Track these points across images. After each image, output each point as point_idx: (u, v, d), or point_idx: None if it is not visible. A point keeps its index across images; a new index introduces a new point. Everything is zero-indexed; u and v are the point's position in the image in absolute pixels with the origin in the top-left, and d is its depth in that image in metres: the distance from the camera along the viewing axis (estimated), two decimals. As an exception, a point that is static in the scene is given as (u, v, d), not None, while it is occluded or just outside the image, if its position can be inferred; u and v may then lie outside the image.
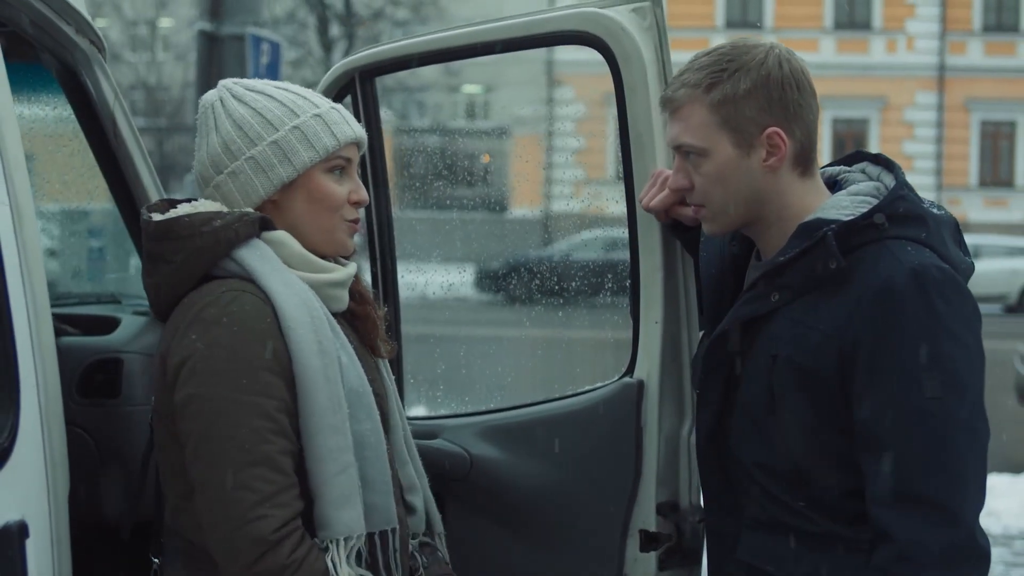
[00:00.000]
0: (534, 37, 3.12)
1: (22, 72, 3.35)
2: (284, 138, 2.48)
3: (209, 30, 9.63)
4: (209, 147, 2.52)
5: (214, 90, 2.58)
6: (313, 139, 2.49)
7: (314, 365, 2.36)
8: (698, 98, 2.48)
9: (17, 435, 2.23)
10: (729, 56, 2.48)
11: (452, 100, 39.89)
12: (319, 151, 2.49)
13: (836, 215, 2.44)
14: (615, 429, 2.99)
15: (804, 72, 2.49)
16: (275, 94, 2.53)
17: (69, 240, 7.28)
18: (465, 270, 18.39)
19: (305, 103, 2.53)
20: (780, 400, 2.43)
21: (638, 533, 2.96)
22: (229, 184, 2.50)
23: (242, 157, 2.48)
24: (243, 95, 2.53)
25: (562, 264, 12.56)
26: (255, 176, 2.48)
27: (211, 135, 2.52)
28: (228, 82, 2.58)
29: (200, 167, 2.54)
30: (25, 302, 2.31)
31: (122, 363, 3.36)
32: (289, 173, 2.48)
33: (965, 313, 2.35)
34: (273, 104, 2.51)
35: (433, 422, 3.27)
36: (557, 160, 30.36)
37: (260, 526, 2.26)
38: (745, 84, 2.44)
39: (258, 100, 2.51)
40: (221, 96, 2.54)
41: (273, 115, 2.49)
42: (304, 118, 2.50)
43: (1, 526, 2.16)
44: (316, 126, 2.50)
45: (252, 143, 2.48)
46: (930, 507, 2.29)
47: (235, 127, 2.49)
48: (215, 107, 2.54)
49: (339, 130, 2.52)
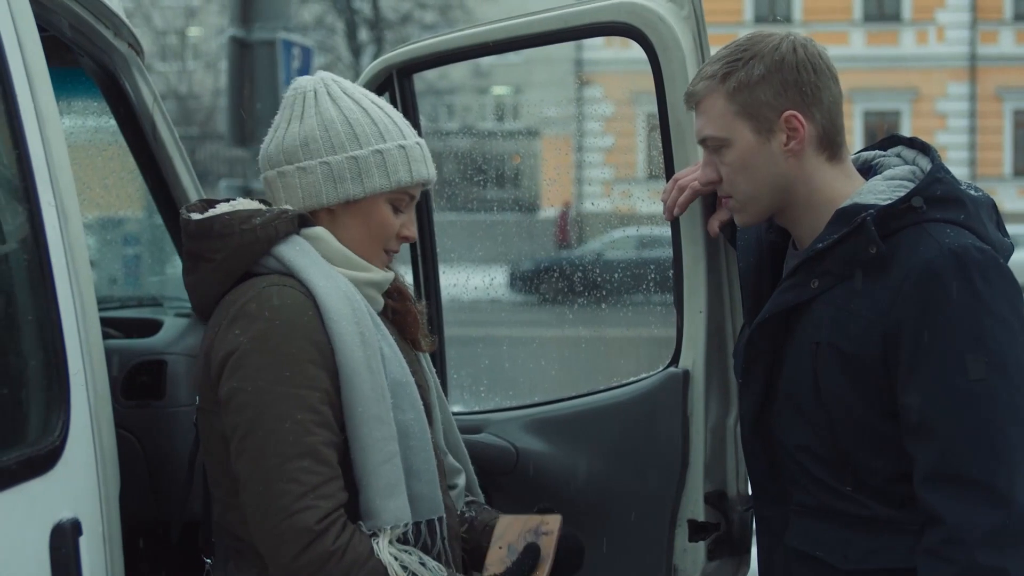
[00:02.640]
0: (571, 29, 3.11)
1: (64, 78, 3.38)
2: (364, 158, 2.48)
3: (240, 36, 9.67)
4: (288, 134, 2.52)
5: (311, 78, 2.58)
6: (391, 168, 2.49)
7: (357, 356, 2.37)
8: (715, 89, 2.49)
9: (68, 434, 2.24)
10: (744, 46, 2.50)
11: (481, 102, 39.96)
12: (392, 181, 2.50)
13: (873, 200, 2.43)
14: (661, 419, 2.98)
15: (822, 57, 2.49)
16: (370, 109, 2.53)
17: (105, 249, 7.32)
18: (498, 272, 18.42)
19: (395, 130, 2.53)
20: (824, 386, 2.43)
21: (686, 523, 2.96)
22: (295, 178, 2.50)
23: (317, 159, 2.49)
24: (339, 97, 2.53)
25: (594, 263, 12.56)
26: (324, 183, 2.49)
27: (294, 123, 2.52)
28: (328, 76, 2.58)
29: (272, 148, 2.54)
30: (73, 302, 2.32)
31: (165, 365, 3.38)
32: (357, 192, 2.49)
33: (1008, 293, 2.34)
34: (365, 118, 2.51)
35: (478, 416, 3.28)
36: (587, 160, 30.35)
37: (305, 517, 2.27)
38: (759, 70, 2.45)
39: (352, 108, 2.51)
40: (316, 89, 2.54)
41: (361, 129, 2.50)
42: (389, 145, 2.50)
43: (55, 524, 2.17)
44: (397, 156, 2.50)
45: (333, 150, 2.48)
46: (978, 488, 2.28)
47: (321, 126, 2.50)
48: (307, 97, 2.54)
49: (416, 168, 2.53)
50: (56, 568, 2.16)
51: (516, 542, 2.58)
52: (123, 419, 3.29)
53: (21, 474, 2.12)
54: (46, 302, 2.26)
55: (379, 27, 32.87)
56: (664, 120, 2.97)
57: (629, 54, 3.01)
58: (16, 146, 2.25)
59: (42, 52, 2.37)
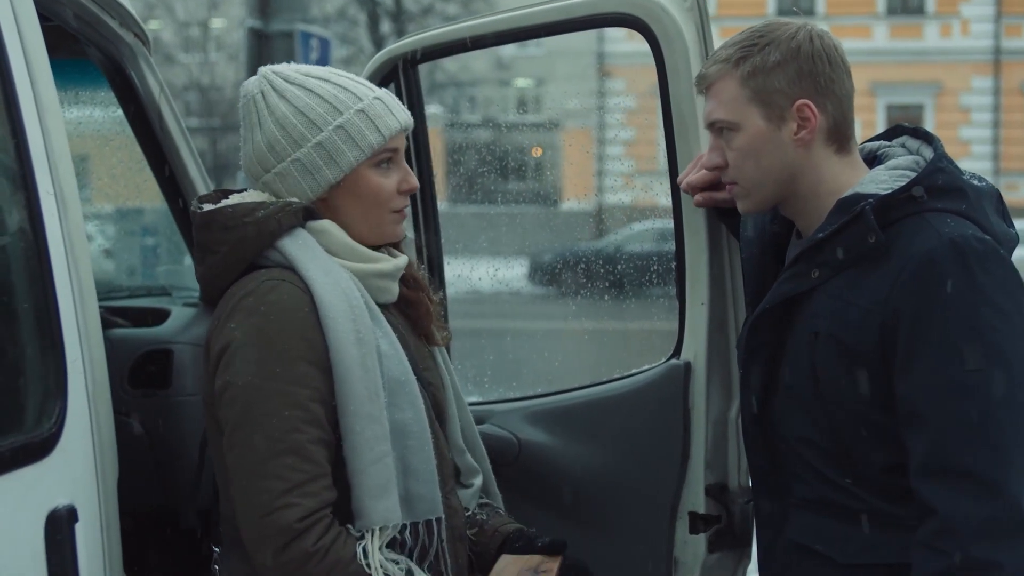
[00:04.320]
0: (575, 20, 3.11)
1: (73, 68, 3.40)
2: (328, 139, 2.45)
3: (258, 27, 9.70)
4: (255, 145, 2.50)
5: (255, 79, 2.54)
6: (357, 137, 2.46)
7: (351, 354, 2.35)
8: (728, 72, 2.48)
9: (65, 421, 2.25)
10: (760, 32, 2.49)
11: (503, 94, 39.93)
12: (364, 149, 2.47)
13: (875, 189, 2.42)
14: (663, 411, 2.98)
15: (837, 49, 2.48)
16: (316, 87, 2.48)
17: (124, 239, 7.36)
18: (518, 263, 18.40)
19: (347, 96, 2.48)
20: (823, 377, 2.42)
21: (687, 515, 2.97)
22: (278, 183, 2.49)
23: (288, 159, 2.47)
24: (284, 89, 2.48)
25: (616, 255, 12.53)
26: (302, 179, 2.47)
27: (255, 132, 2.50)
28: (268, 72, 2.53)
29: (247, 163, 2.53)
30: (71, 289, 2.33)
31: (172, 354, 3.40)
32: (336, 175, 2.47)
33: (1007, 284, 2.32)
34: (315, 100, 2.47)
35: (481, 407, 3.28)
36: (609, 152, 30.30)
37: (286, 514, 2.26)
38: (775, 56, 2.44)
39: (299, 97, 2.47)
40: (262, 89, 2.50)
41: (316, 114, 2.46)
42: (347, 115, 2.46)
43: (50, 510, 2.18)
44: (359, 123, 2.46)
45: (297, 144, 2.46)
46: (971, 480, 2.26)
47: (278, 127, 2.47)
48: (257, 101, 2.50)
49: (383, 124, 2.48)
50: (51, 554, 2.17)
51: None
52: (129, 407, 3.31)
53: (16, 460, 2.13)
54: (44, 290, 2.26)
55: (401, 19, 32.86)
56: (667, 112, 2.96)
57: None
58: (15, 135, 2.25)
59: (42, 40, 2.37)
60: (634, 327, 6.45)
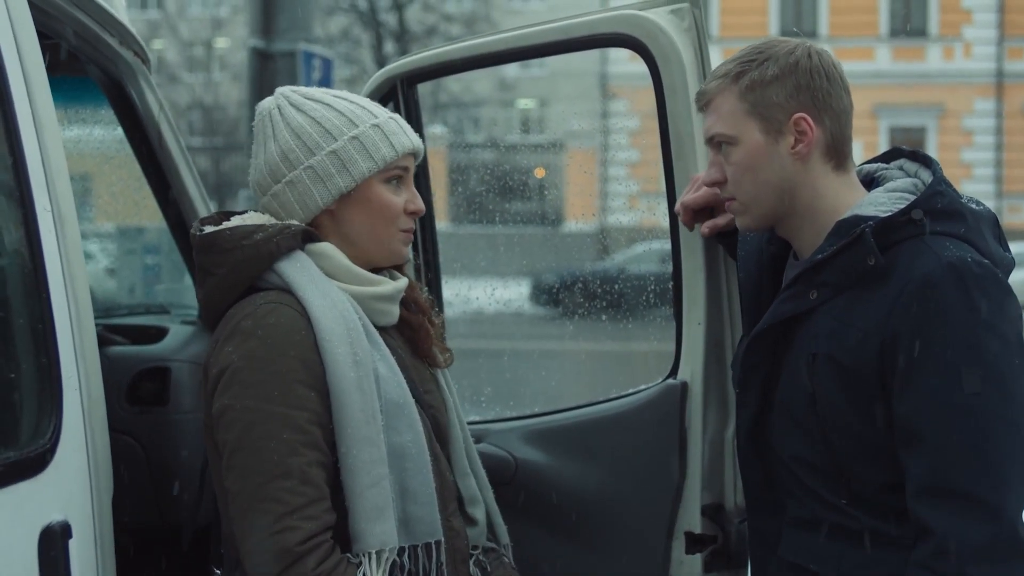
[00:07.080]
0: (573, 40, 3.12)
1: (73, 86, 3.41)
2: (342, 148, 2.49)
3: (261, 47, 9.71)
4: (267, 155, 2.53)
5: (271, 97, 2.59)
6: (371, 149, 2.49)
7: (348, 377, 2.35)
8: (727, 87, 2.49)
9: (60, 437, 2.25)
10: (759, 48, 2.51)
11: (506, 115, 39.99)
12: (377, 161, 2.50)
13: (874, 212, 2.43)
14: (659, 431, 2.98)
15: (835, 66, 2.49)
16: (333, 103, 2.53)
17: (124, 257, 7.37)
18: (521, 284, 18.40)
19: (363, 113, 2.53)
20: (820, 398, 2.42)
21: (683, 535, 2.96)
22: (287, 193, 2.51)
23: (300, 167, 2.49)
24: (301, 103, 2.53)
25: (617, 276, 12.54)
26: (313, 186, 2.49)
27: (269, 143, 2.53)
28: (286, 90, 2.58)
29: (258, 175, 2.55)
30: (67, 306, 2.34)
31: (170, 372, 3.40)
32: (347, 183, 2.49)
33: (1006, 307, 2.33)
34: (331, 113, 2.51)
35: (478, 426, 3.27)
36: (612, 173, 30.33)
37: (286, 538, 2.25)
38: (773, 70, 2.46)
39: (316, 109, 2.52)
40: (279, 104, 2.55)
41: (332, 124, 2.50)
42: (362, 128, 2.50)
43: (44, 526, 2.18)
44: (374, 136, 2.50)
45: (311, 152, 2.49)
46: (970, 502, 2.26)
47: (293, 136, 2.50)
48: (272, 115, 2.55)
49: (397, 140, 2.52)
50: (44, 570, 2.17)
51: None
52: (127, 425, 3.32)
53: (10, 476, 2.13)
54: (40, 306, 2.27)
55: (404, 39, 32.95)
56: (664, 132, 2.97)
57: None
58: (12, 152, 2.26)
59: (41, 57, 2.39)
60: (636, 348, 6.46)
